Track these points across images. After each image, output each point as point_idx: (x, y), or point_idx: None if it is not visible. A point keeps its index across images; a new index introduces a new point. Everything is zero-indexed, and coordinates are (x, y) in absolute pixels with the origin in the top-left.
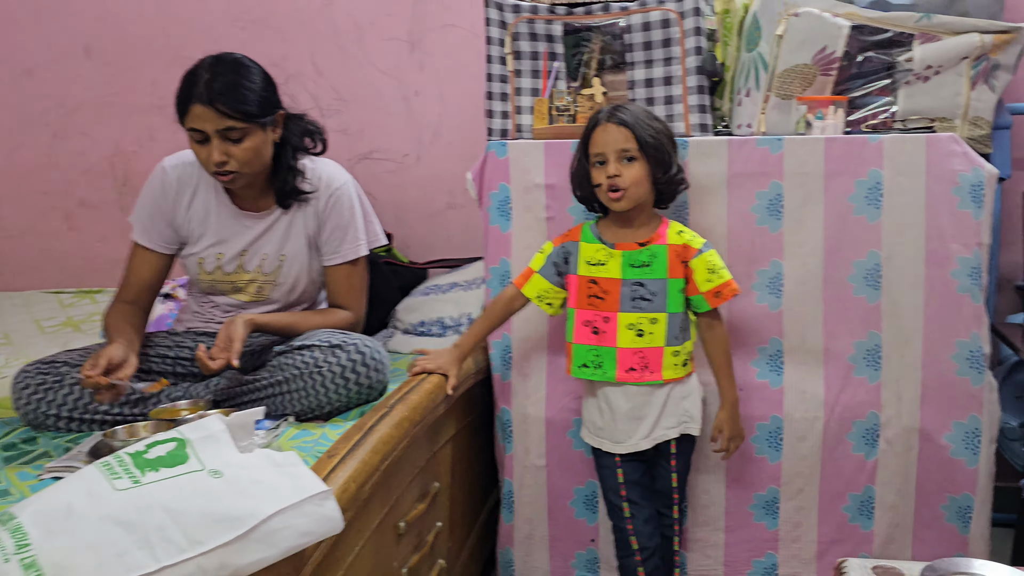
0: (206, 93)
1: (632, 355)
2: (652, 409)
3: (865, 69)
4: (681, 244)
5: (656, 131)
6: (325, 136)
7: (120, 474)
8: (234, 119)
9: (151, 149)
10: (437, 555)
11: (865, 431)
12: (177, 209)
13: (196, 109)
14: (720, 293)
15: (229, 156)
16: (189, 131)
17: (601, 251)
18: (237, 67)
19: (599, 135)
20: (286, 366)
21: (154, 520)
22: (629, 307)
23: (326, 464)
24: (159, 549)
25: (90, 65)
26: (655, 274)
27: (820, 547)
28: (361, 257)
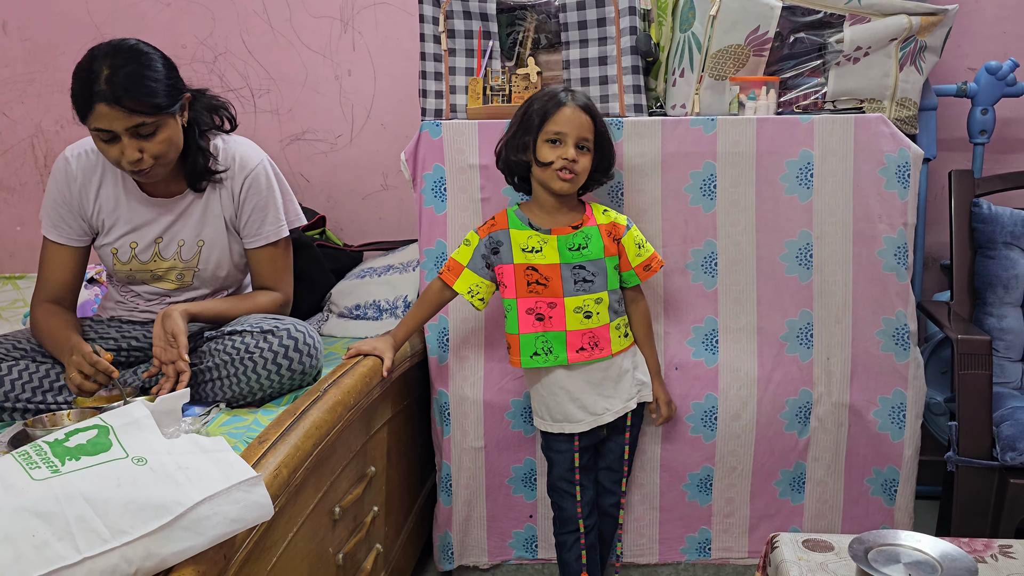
0: (110, 91)
1: (581, 336)
2: (609, 383)
3: (797, 50)
4: (609, 222)
5: (605, 125)
6: (233, 112)
7: (38, 464)
8: (144, 115)
9: (72, 130)
10: (374, 540)
11: (798, 409)
12: (84, 200)
13: (101, 109)
14: (649, 266)
15: (143, 152)
16: (94, 131)
17: (534, 237)
18: (137, 56)
19: (564, 114)
20: (216, 352)
21: (75, 510)
22: (573, 291)
23: (256, 450)
24: (81, 540)
25: (8, 42)
26: (592, 255)
27: (752, 522)
28: (283, 238)
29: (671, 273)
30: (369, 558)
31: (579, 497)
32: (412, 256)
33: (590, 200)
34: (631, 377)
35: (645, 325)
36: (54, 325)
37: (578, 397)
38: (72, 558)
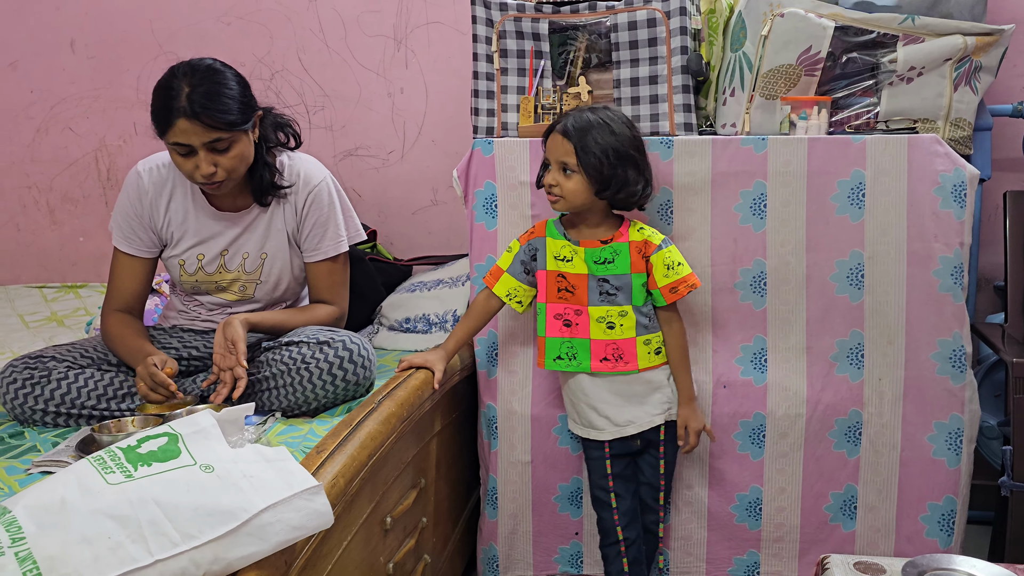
0: (189, 107)
1: (605, 346)
2: (634, 397)
3: (849, 70)
4: (641, 240)
5: (605, 147)
6: (298, 130)
7: (113, 468)
8: (220, 130)
9: (135, 144)
10: (422, 550)
11: (847, 428)
12: (155, 213)
13: (181, 124)
14: (676, 289)
15: (217, 166)
16: (172, 145)
17: (567, 247)
18: (214, 75)
19: (550, 142)
20: (274, 362)
21: (147, 514)
22: (597, 301)
23: (315, 459)
24: (152, 543)
25: (75, 59)
26: (618, 270)
27: (802, 547)
28: (342, 253)
29: (719, 292)
30: (418, 568)
31: (615, 505)
32: (462, 271)
33: (633, 217)
34: (662, 393)
35: (678, 348)
36: (126, 334)
37: (599, 406)
38: (145, 560)
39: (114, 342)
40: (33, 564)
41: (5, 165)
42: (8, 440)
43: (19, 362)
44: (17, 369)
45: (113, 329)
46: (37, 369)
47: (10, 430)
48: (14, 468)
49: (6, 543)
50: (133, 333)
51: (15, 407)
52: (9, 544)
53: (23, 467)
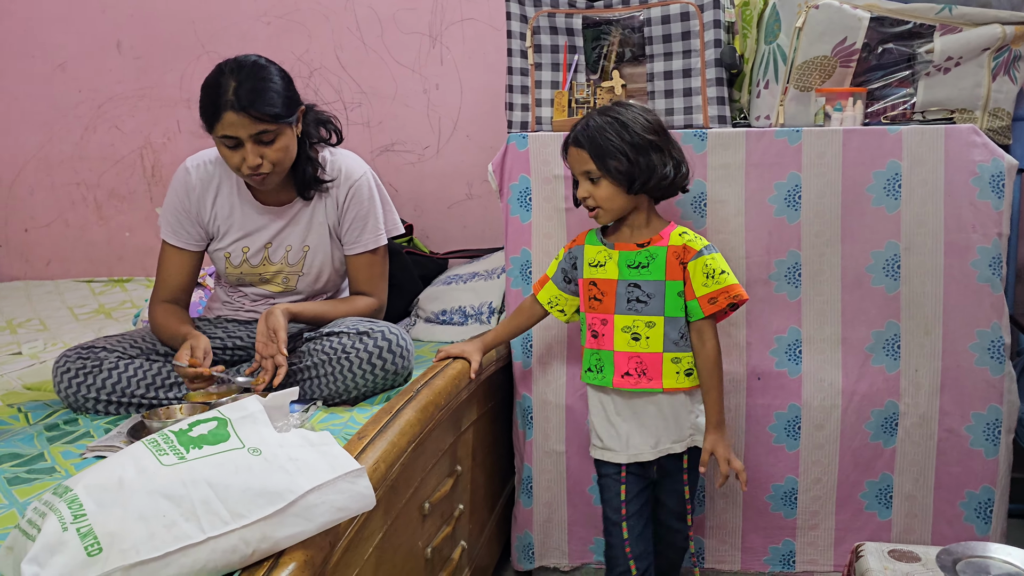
0: (236, 101)
1: (628, 360)
2: (654, 419)
3: (885, 61)
4: (681, 245)
5: (619, 146)
6: (339, 126)
7: (166, 451)
8: (266, 122)
9: (178, 141)
10: (459, 536)
11: (884, 420)
12: (202, 208)
13: (228, 117)
14: (715, 299)
15: (263, 158)
16: (220, 138)
17: (602, 252)
18: (260, 70)
19: (569, 157)
20: (315, 352)
21: (199, 494)
22: (624, 309)
23: (356, 445)
24: (205, 521)
25: (121, 60)
26: (652, 275)
27: (838, 535)
28: (381, 246)
29: (754, 283)
30: (455, 553)
31: (626, 535)
32: (497, 264)
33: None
34: (688, 420)
35: (709, 368)
36: (171, 322)
37: (617, 425)
38: (197, 537)
39: (159, 330)
40: (94, 539)
41: (55, 163)
42: (63, 426)
43: (72, 352)
44: (70, 359)
45: (159, 318)
46: (89, 359)
47: (65, 417)
48: (70, 452)
49: (69, 519)
50: (177, 321)
51: (69, 395)
52: (72, 520)
53: (78, 452)
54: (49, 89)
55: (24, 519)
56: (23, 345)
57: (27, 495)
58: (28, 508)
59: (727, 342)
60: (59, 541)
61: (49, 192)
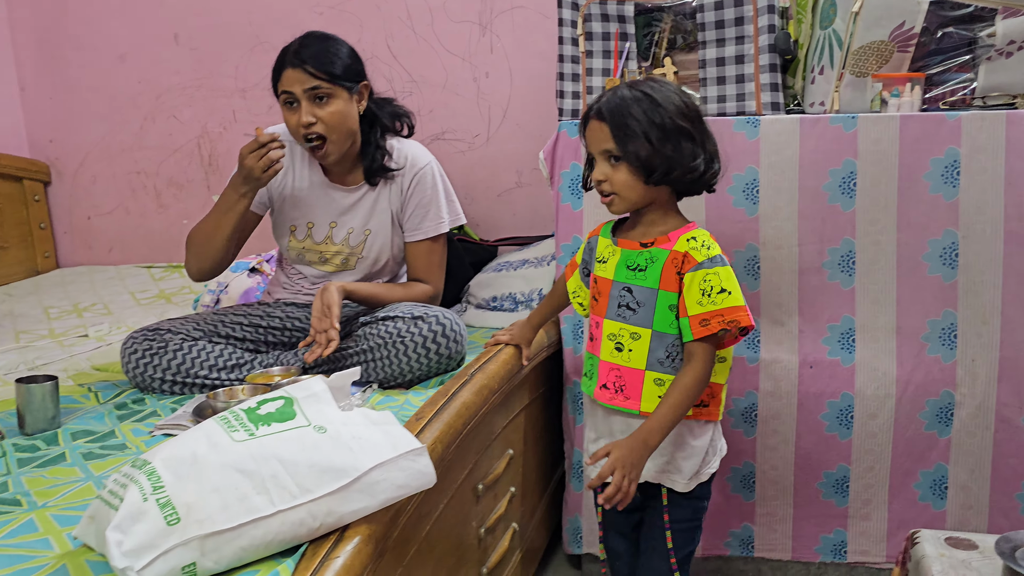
0: (295, 57)
1: (609, 371)
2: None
3: (944, 45)
4: (683, 252)
5: (644, 125)
6: (413, 121)
7: (237, 427)
8: (320, 79)
9: (234, 131)
10: (511, 519)
11: (939, 409)
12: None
13: (288, 73)
14: (707, 321)
15: (316, 118)
16: (282, 96)
17: (608, 247)
18: (325, 37)
19: (588, 132)
20: (371, 335)
21: (269, 469)
22: (614, 314)
23: (414, 426)
24: (275, 495)
25: (178, 51)
26: (646, 282)
27: (891, 525)
28: (441, 234)
29: (807, 271)
30: (506, 535)
31: (602, 556)
32: (546, 251)
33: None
34: (666, 452)
35: (681, 388)
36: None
37: (594, 440)
38: (268, 510)
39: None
40: (173, 510)
41: (116, 152)
42: (131, 406)
43: (139, 334)
44: (137, 340)
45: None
46: (155, 340)
47: (132, 396)
48: (139, 430)
49: (148, 490)
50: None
51: (136, 375)
52: (151, 491)
53: (147, 430)
54: (110, 80)
55: (105, 490)
56: (89, 328)
57: (101, 469)
58: (108, 479)
59: (779, 330)
60: (140, 510)
61: (110, 181)
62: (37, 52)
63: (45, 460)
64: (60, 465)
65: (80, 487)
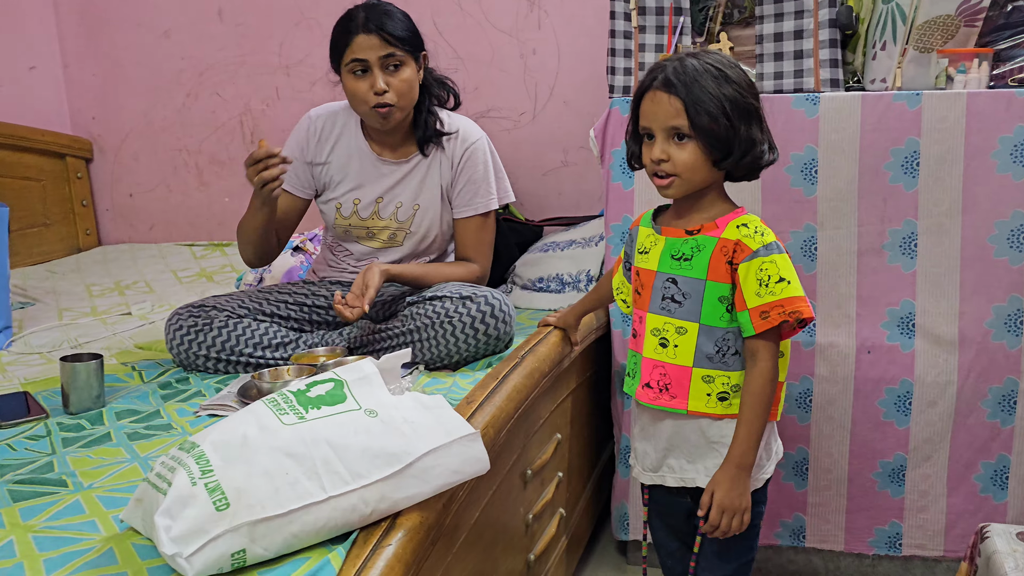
0: (366, 24)
1: (652, 368)
2: (682, 446)
3: (1014, 19)
4: (734, 240)
5: (721, 100)
6: (457, 91)
7: (286, 410)
8: (395, 46)
9: (277, 107)
10: (557, 504)
11: (1002, 397)
12: (318, 154)
13: (359, 39)
14: (767, 314)
15: (388, 86)
16: (349, 65)
17: (650, 236)
18: (389, 5)
19: (647, 104)
20: (418, 316)
21: (320, 453)
22: (658, 307)
23: (465, 409)
24: (326, 480)
25: (222, 28)
26: (693, 272)
27: (949, 518)
28: (491, 211)
29: (866, 253)
30: (553, 521)
31: (644, 552)
32: (594, 231)
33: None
34: (720, 454)
35: (750, 394)
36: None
37: (640, 440)
38: (319, 496)
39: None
40: (222, 494)
41: (158, 129)
42: (176, 385)
43: (184, 311)
44: (183, 317)
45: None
46: (200, 317)
47: (176, 376)
48: (184, 411)
49: (197, 474)
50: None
51: (180, 352)
52: (200, 475)
53: (191, 410)
54: (154, 57)
55: (153, 472)
56: (132, 306)
57: (147, 450)
58: (156, 462)
59: (836, 313)
60: (189, 495)
61: (152, 158)
62: (80, 28)
63: (90, 440)
64: (105, 445)
65: (126, 468)
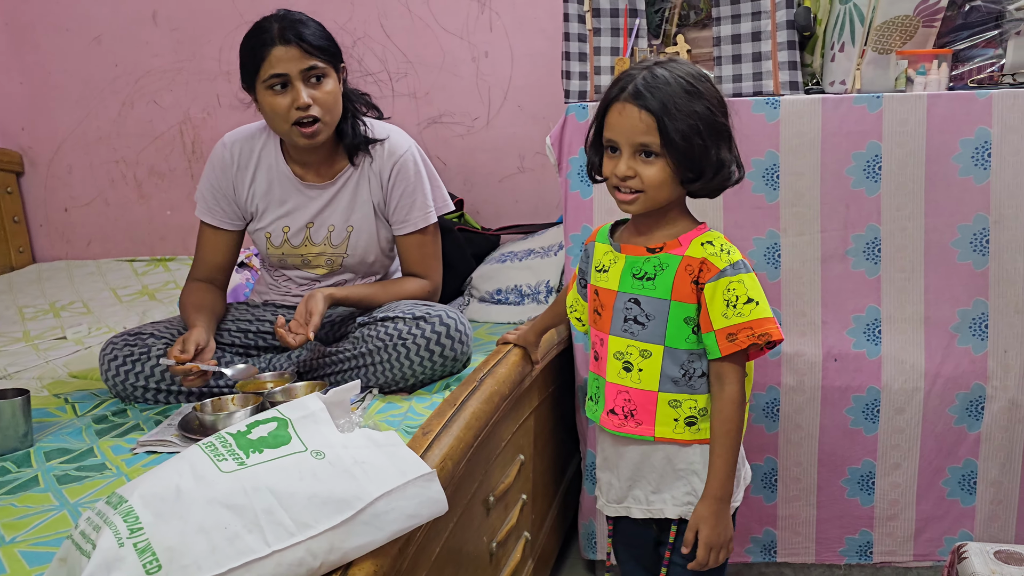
0: (282, 35)
1: (617, 394)
2: (647, 475)
3: (972, 19)
4: (699, 259)
5: (695, 118)
6: (379, 108)
7: (225, 456)
8: (316, 56)
9: (218, 116)
10: (522, 528)
11: (969, 403)
12: (239, 185)
13: (277, 52)
14: (734, 336)
15: (313, 100)
16: (268, 81)
17: (609, 254)
18: (302, 15)
19: (614, 116)
20: (369, 338)
21: (262, 503)
22: (620, 330)
23: (421, 441)
24: (269, 533)
25: (157, 32)
26: (656, 292)
27: (918, 524)
28: (431, 224)
29: (829, 259)
30: (518, 546)
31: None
32: (553, 240)
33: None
34: (689, 483)
35: (720, 421)
36: (191, 304)
37: (603, 469)
38: (262, 551)
39: (183, 309)
40: (153, 556)
41: (93, 140)
42: (112, 418)
43: (119, 339)
44: (117, 346)
45: (184, 298)
46: (136, 346)
47: (113, 408)
48: (120, 448)
49: (125, 534)
50: (196, 307)
51: (116, 383)
52: (128, 535)
53: (128, 446)
54: (85, 64)
55: (77, 531)
56: (67, 329)
57: (78, 495)
58: (81, 519)
59: (801, 322)
60: (116, 558)
61: (88, 170)
62: (5, 34)
63: (15, 485)
64: (32, 491)
65: (54, 517)
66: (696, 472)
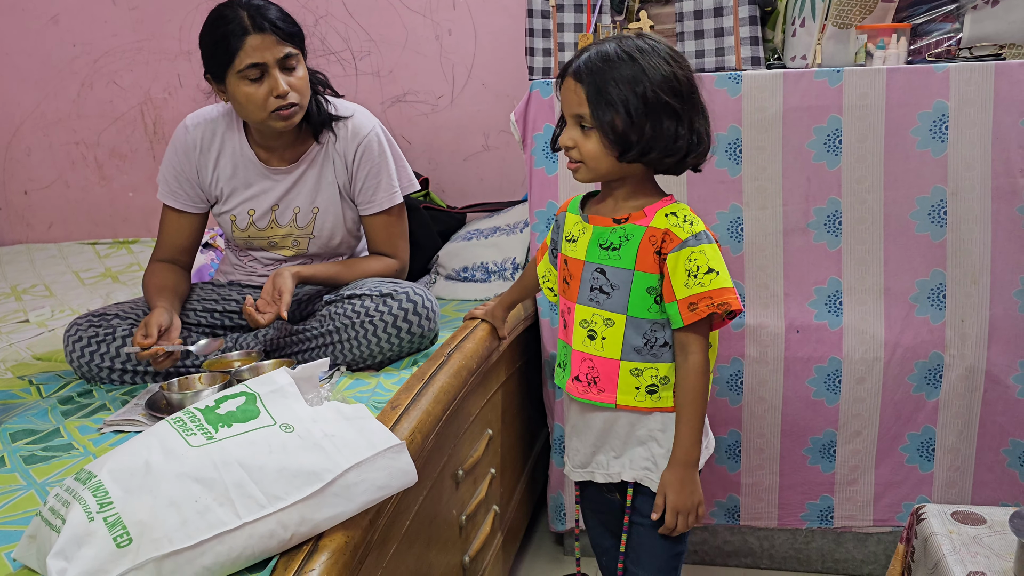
0: (254, 24)
1: (581, 361)
2: (610, 440)
3: None
4: (662, 229)
5: (626, 94)
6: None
7: (194, 430)
8: (290, 43)
9: (180, 96)
10: (491, 501)
11: (928, 372)
12: (202, 168)
13: (252, 41)
14: (695, 306)
15: (290, 87)
16: (245, 71)
17: (578, 224)
18: (267, 1)
19: (563, 90)
20: (336, 316)
21: (232, 476)
22: (586, 299)
23: (390, 415)
24: (240, 505)
25: (116, 11)
26: (621, 262)
27: (877, 489)
28: (397, 204)
29: (791, 232)
30: (488, 519)
31: (576, 554)
32: (519, 217)
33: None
34: (647, 449)
35: (684, 391)
36: (153, 286)
37: (569, 432)
38: (233, 523)
39: (145, 290)
40: (123, 529)
41: (52, 121)
42: (78, 399)
43: (83, 320)
44: (82, 327)
45: (147, 279)
46: (101, 327)
47: (78, 389)
48: (87, 428)
49: (95, 508)
50: (159, 288)
51: (82, 365)
52: (98, 510)
53: (95, 426)
54: (42, 44)
55: (46, 507)
56: (30, 312)
57: (45, 475)
58: (49, 495)
59: (764, 294)
60: (86, 532)
61: (47, 152)
62: None
63: None
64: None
65: (21, 496)
66: (656, 439)
